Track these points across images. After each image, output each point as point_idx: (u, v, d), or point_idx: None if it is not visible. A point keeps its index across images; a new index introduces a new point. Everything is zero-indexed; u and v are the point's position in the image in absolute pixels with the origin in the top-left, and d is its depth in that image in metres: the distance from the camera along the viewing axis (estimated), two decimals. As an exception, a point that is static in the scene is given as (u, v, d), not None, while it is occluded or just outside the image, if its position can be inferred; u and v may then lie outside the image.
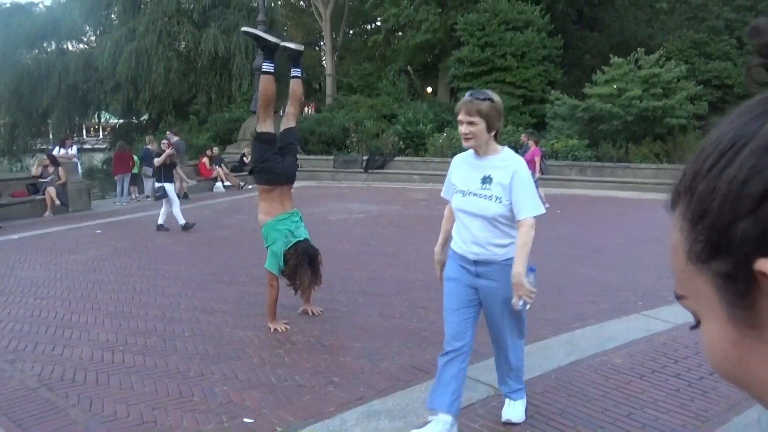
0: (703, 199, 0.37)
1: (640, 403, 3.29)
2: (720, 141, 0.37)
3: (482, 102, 2.77)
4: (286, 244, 4.55)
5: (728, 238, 0.35)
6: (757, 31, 0.36)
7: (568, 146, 16.26)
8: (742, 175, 0.34)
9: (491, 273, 2.87)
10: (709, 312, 0.39)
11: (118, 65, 21.72)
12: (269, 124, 4.66)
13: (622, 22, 26.25)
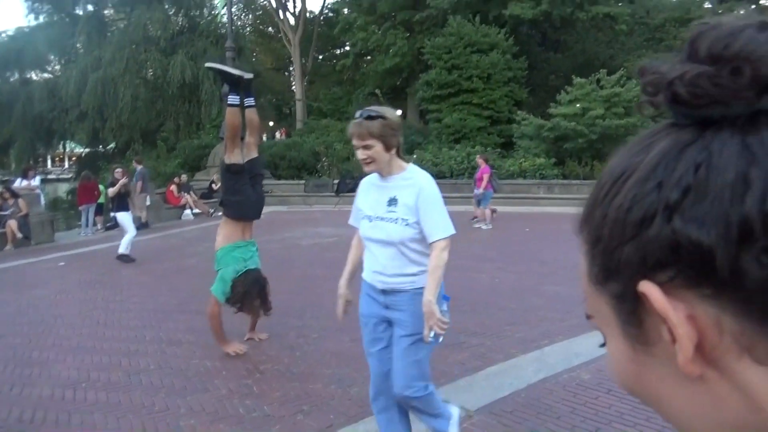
0: (598, 226, 0.39)
1: (607, 417, 3.32)
2: (613, 171, 0.39)
3: (373, 122, 2.56)
4: (237, 272, 4.53)
5: (616, 261, 0.38)
6: (642, 73, 0.39)
7: (535, 165, 16.57)
8: (626, 203, 0.37)
9: (399, 303, 2.64)
10: (609, 330, 0.42)
11: (84, 94, 21.49)
12: (237, 155, 4.66)
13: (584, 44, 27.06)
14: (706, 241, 0.33)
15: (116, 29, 25.22)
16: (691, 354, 0.35)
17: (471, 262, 8.11)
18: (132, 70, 22.25)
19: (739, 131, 0.34)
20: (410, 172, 2.67)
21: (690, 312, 0.35)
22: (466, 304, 5.93)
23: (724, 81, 0.34)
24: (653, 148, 0.37)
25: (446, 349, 4.56)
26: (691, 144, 0.35)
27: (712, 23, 0.37)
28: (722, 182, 0.33)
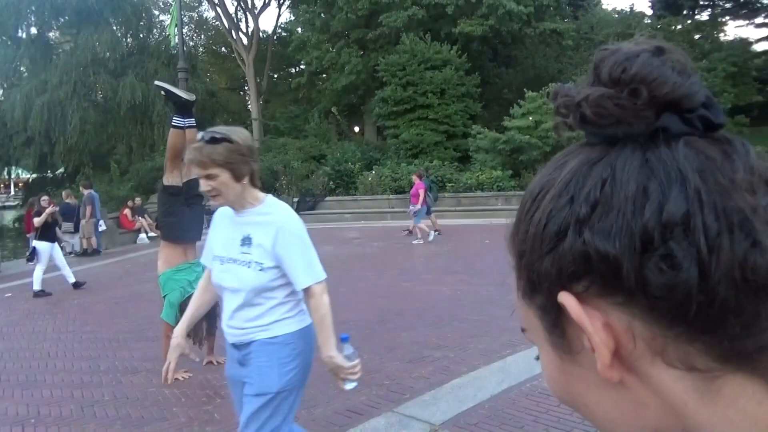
0: (521, 241, 0.41)
1: (570, 424, 3.36)
2: (533, 190, 0.41)
3: (216, 147, 2.10)
4: (183, 295, 4.44)
5: (537, 274, 0.39)
6: (554, 96, 0.41)
7: (492, 177, 16.87)
8: (543, 218, 0.39)
9: (249, 356, 2.22)
10: (540, 342, 0.43)
11: (30, 119, 20.80)
12: (176, 176, 4.64)
13: (534, 59, 27.85)
14: (612, 252, 0.35)
15: (62, 52, 24.54)
16: (608, 360, 0.36)
17: (433, 275, 8.16)
18: (80, 93, 21.66)
19: (640, 148, 0.36)
20: (268, 206, 2.24)
21: (605, 320, 0.36)
22: (429, 317, 5.95)
23: (624, 102, 0.37)
24: (566, 166, 0.39)
25: (410, 364, 4.56)
26: (599, 161, 0.37)
27: (612, 48, 0.39)
28: (625, 196, 0.35)
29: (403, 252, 10.51)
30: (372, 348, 5.04)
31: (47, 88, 21.52)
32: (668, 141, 0.36)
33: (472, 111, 22.25)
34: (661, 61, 0.37)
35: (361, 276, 8.51)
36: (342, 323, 5.88)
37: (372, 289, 7.53)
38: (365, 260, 9.97)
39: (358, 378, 2.35)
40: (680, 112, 0.37)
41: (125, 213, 15.19)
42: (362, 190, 18.14)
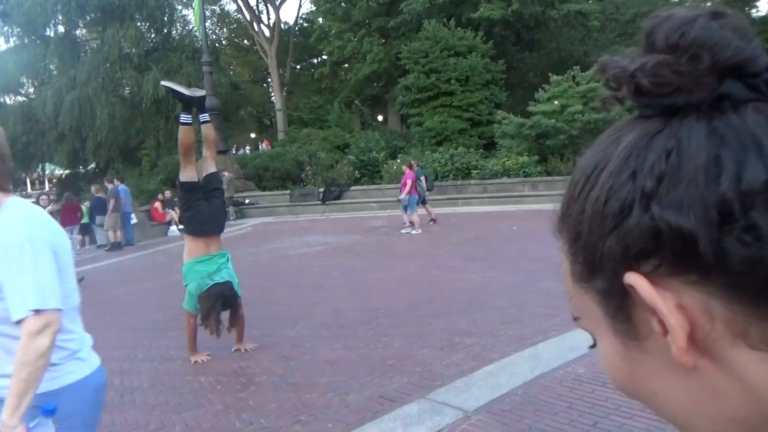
0: (576, 222, 0.39)
1: (604, 411, 3.34)
2: (585, 167, 0.40)
3: None
4: (201, 287, 4.60)
5: (599, 255, 0.37)
6: (603, 68, 0.40)
7: (518, 164, 16.68)
8: (602, 196, 0.37)
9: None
10: (599, 329, 0.41)
11: (61, 115, 21.24)
12: (190, 171, 4.80)
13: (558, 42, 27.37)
14: (686, 225, 0.33)
15: (89, 49, 24.99)
16: (684, 344, 0.34)
17: (461, 263, 8.14)
18: (108, 89, 22.04)
19: (704, 116, 0.35)
20: (3, 215, 1.70)
21: (678, 300, 0.34)
22: (458, 304, 5.95)
23: (684, 68, 0.35)
24: (622, 141, 0.38)
25: (441, 351, 4.57)
26: (659, 133, 0.36)
27: (665, 15, 0.37)
28: (695, 166, 0.33)
29: (429, 240, 10.50)
30: (402, 335, 5.07)
31: (76, 85, 21.95)
32: (735, 108, 0.34)
33: (497, 99, 22.00)
34: (719, 24, 0.35)
35: (388, 264, 8.54)
36: (371, 312, 5.97)
37: (399, 277, 7.55)
38: (392, 249, 9.99)
39: None
40: (743, 77, 0.35)
41: (156, 206, 15.48)
42: (387, 178, 18.13)
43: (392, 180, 17.92)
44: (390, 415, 3.51)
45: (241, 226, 15.23)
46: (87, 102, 21.58)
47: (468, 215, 13.85)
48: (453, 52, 21.46)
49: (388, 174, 18.22)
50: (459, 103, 21.19)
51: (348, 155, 20.28)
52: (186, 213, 4.84)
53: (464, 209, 15.26)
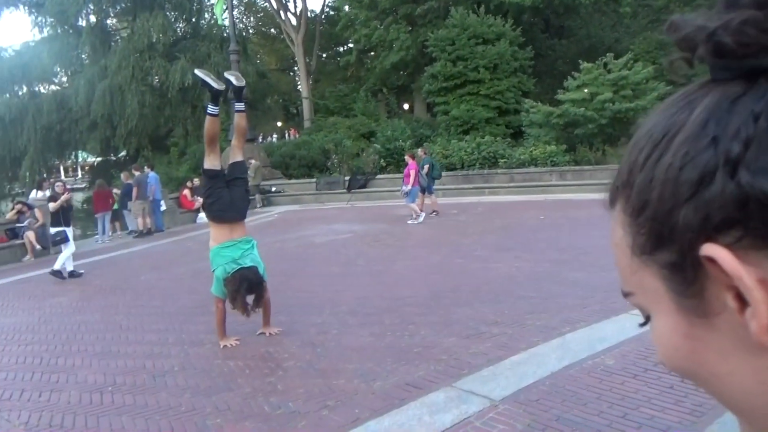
0: (642, 191, 0.37)
1: (634, 402, 3.30)
2: (652, 133, 0.37)
3: None
4: (227, 271, 4.73)
5: (670, 226, 0.35)
6: (674, 27, 0.37)
7: (546, 153, 16.45)
8: (677, 162, 0.34)
9: None
10: (658, 305, 0.39)
11: (93, 104, 21.66)
12: (214, 160, 4.98)
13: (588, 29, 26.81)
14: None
15: (120, 38, 25.37)
16: (767, 321, 0.32)
17: (487, 252, 8.09)
18: (138, 78, 22.38)
19: None
20: None
21: (761, 275, 0.32)
22: (484, 293, 5.92)
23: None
24: (696, 106, 0.35)
25: (467, 340, 4.56)
26: (742, 96, 0.33)
27: None
28: None
29: (455, 229, 10.46)
30: (428, 323, 5.08)
31: (107, 74, 22.34)
32: None
33: (525, 87, 21.68)
34: None
35: (415, 253, 8.53)
36: (397, 300, 5.98)
37: (426, 266, 7.55)
38: (418, 237, 9.98)
39: None
40: None
41: (185, 193, 15.72)
42: (413, 167, 18.08)
43: (418, 169, 17.86)
44: (416, 403, 3.52)
45: (268, 214, 15.38)
46: (118, 91, 21.96)
47: (494, 204, 13.74)
48: (481, 40, 21.19)
49: (413, 163, 18.15)
50: (486, 92, 20.96)
51: (374, 144, 20.27)
52: (207, 200, 5.01)
53: (491, 198, 15.14)
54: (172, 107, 23.18)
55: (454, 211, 12.89)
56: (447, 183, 16.95)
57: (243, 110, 5.28)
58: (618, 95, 16.24)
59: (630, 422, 3.08)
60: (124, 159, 25.67)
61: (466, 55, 21.09)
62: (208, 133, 4.96)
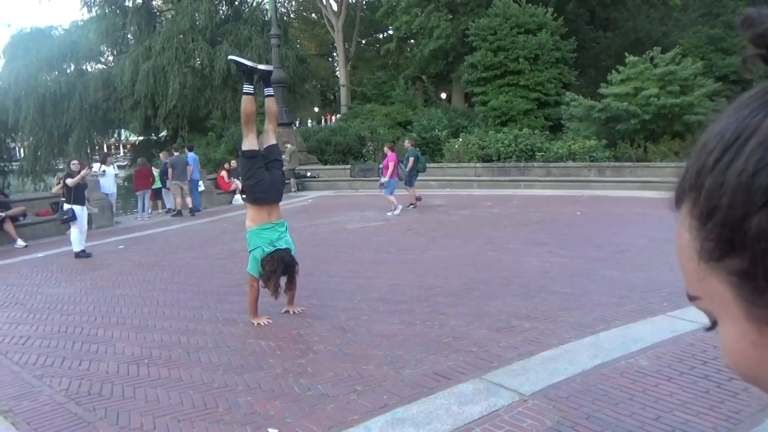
0: (712, 195, 0.36)
1: (668, 405, 3.23)
2: (723, 134, 0.36)
3: None
4: (265, 252, 4.88)
5: (742, 233, 0.34)
6: (749, 22, 0.36)
7: (585, 147, 16.11)
8: (750, 167, 0.33)
9: None
10: (725, 312, 0.38)
11: (137, 83, 22.11)
12: (252, 140, 5.09)
13: (635, 21, 26.04)
14: None
15: (164, 20, 25.80)
16: None
17: (521, 246, 8.00)
18: (180, 59, 22.73)
19: None
20: None
21: None
22: (516, 287, 5.87)
23: None
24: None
25: (498, 333, 4.54)
26: None
27: None
28: None
29: (489, 221, 10.37)
30: (458, 314, 5.06)
31: (151, 55, 22.76)
32: None
33: (566, 79, 21.23)
34: None
35: (447, 243, 8.50)
36: (428, 289, 5.98)
37: (457, 257, 7.51)
38: (450, 228, 9.93)
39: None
40: None
41: (222, 175, 15.98)
42: (448, 157, 17.95)
43: (453, 159, 17.74)
44: (445, 392, 3.53)
45: (302, 199, 15.52)
46: (161, 72, 22.36)
47: (530, 198, 13.55)
48: (522, 30, 20.80)
49: (449, 152, 18.02)
50: (526, 83, 20.60)
51: (410, 132, 20.19)
52: (248, 181, 5.07)
53: (526, 192, 14.94)
54: (212, 90, 23.49)
55: (489, 203, 12.77)
56: (482, 174, 16.79)
57: (272, 94, 5.50)
58: (664, 91, 15.75)
59: (663, 425, 3.02)
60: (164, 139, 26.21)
61: (507, 45, 20.75)
62: (245, 112, 5.14)
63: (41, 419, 3.47)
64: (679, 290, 5.31)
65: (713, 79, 17.37)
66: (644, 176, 14.70)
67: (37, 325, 5.45)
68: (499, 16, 21.14)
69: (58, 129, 23.80)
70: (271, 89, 5.47)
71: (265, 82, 5.37)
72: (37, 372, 4.25)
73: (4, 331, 5.30)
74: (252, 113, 5.17)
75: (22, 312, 5.92)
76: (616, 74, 16.99)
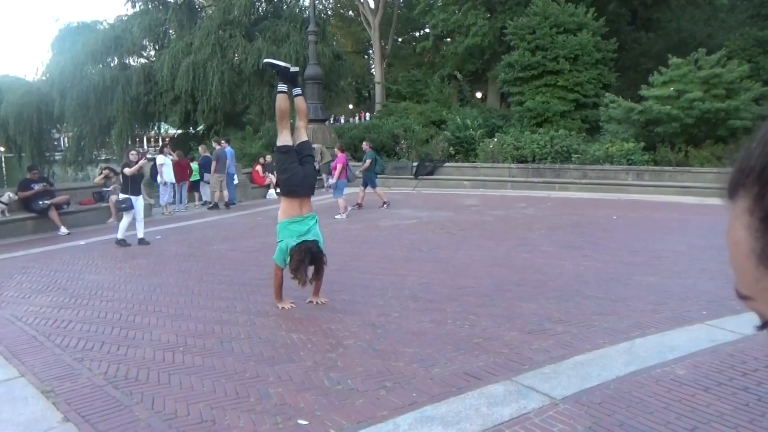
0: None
1: (705, 417, 3.15)
2: None
3: None
4: (292, 243, 5.12)
5: None
6: None
7: (623, 150, 15.77)
8: None
9: None
10: None
11: (177, 78, 22.56)
12: (286, 136, 5.36)
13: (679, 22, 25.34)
14: None
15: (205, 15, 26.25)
16: None
17: (555, 248, 7.90)
18: (219, 55, 23.10)
19: None
20: None
21: None
22: (549, 290, 5.80)
23: None
24: None
25: (529, 335, 4.49)
26: None
27: None
28: None
29: (522, 222, 10.25)
30: (490, 315, 5.03)
31: (191, 50, 23.19)
32: None
33: (605, 80, 20.81)
34: None
35: (479, 243, 8.44)
36: (459, 289, 5.95)
37: (489, 257, 7.45)
38: (483, 228, 9.86)
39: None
40: None
41: (257, 169, 16.20)
42: (483, 157, 17.80)
43: (488, 159, 17.59)
44: (475, 393, 3.51)
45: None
46: (201, 67, 22.76)
47: (565, 200, 13.35)
48: (562, 29, 20.46)
49: (483, 152, 17.87)
50: (565, 83, 20.25)
51: (444, 131, 20.10)
52: (282, 175, 5.36)
53: (561, 194, 14.72)
54: (249, 85, 23.80)
55: (522, 204, 12.63)
56: (516, 175, 16.60)
57: (301, 93, 5.80)
58: (708, 94, 15.29)
59: (699, 436, 2.95)
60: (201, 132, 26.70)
61: (546, 44, 20.43)
62: (279, 109, 5.44)
63: (81, 401, 3.58)
64: (718, 299, 5.20)
65: (761, 83, 16.76)
66: (684, 181, 14.33)
67: (78, 310, 5.63)
68: (538, 15, 20.83)
69: (100, 121, 24.46)
70: (299, 89, 5.78)
71: (293, 83, 5.63)
72: (78, 355, 4.39)
73: (48, 314, 5.49)
74: (286, 110, 5.44)
75: (64, 297, 6.13)
76: (657, 76, 16.57)
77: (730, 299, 5.29)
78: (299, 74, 5.79)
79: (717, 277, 6.05)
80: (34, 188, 10.93)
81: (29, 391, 3.77)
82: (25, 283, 6.80)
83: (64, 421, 3.34)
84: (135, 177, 9.05)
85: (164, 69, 22.82)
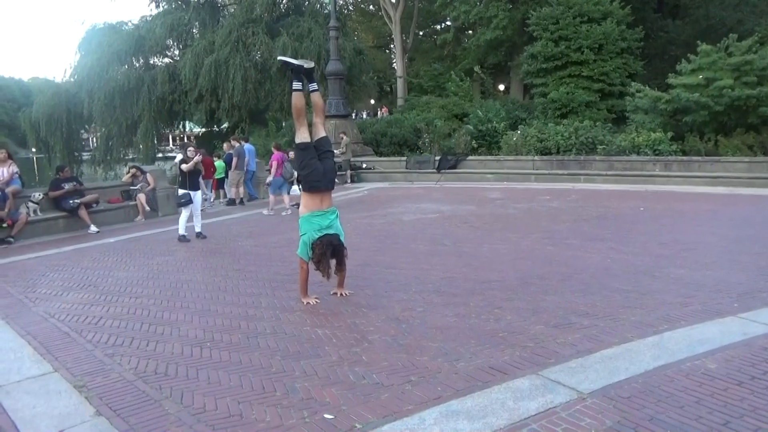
0: None
1: (738, 411, 3.08)
2: None
3: None
4: (314, 237, 5.22)
5: None
6: None
7: (650, 140, 15.47)
8: None
9: None
10: None
11: (200, 77, 22.80)
12: (304, 133, 5.44)
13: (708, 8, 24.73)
14: None
15: (228, 14, 26.46)
16: None
17: (580, 241, 7.80)
18: (242, 53, 23.28)
19: None
20: None
21: None
22: (575, 283, 5.73)
23: None
24: None
25: (555, 329, 4.44)
26: None
27: None
28: None
29: (547, 215, 10.14)
30: (514, 309, 4.99)
31: (214, 49, 23.41)
32: None
33: (631, 69, 20.42)
34: None
35: (503, 237, 8.38)
36: (483, 283, 5.92)
37: (514, 251, 7.39)
38: (507, 221, 9.78)
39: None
40: None
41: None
42: (506, 150, 17.66)
43: (511, 151, 17.44)
44: (500, 387, 3.49)
45: (358, 190, 15.65)
46: (223, 65, 22.97)
47: (590, 192, 13.16)
48: (586, 18, 20.13)
49: (506, 145, 17.72)
50: (589, 73, 19.94)
51: (466, 124, 19.97)
52: (303, 171, 5.43)
53: (586, 186, 14.52)
54: (271, 82, 23.94)
55: (547, 197, 12.49)
56: (541, 168, 16.43)
57: (317, 89, 5.83)
58: (739, 81, 14.90)
59: (731, 431, 2.89)
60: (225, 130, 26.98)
61: (569, 35, 20.15)
62: (295, 107, 5.52)
63: (112, 395, 3.66)
64: (751, 291, 5.08)
65: (794, 69, 16.26)
66: (714, 171, 14.00)
67: (108, 306, 5.75)
68: (561, 4, 20.54)
69: (126, 120, 24.86)
70: (315, 84, 5.78)
71: (309, 78, 5.64)
72: (109, 351, 4.49)
73: (79, 311, 5.62)
74: (302, 108, 5.52)
75: (94, 294, 6.26)
76: (686, 64, 16.21)
77: (763, 291, 5.17)
78: (314, 70, 5.78)
79: (749, 269, 5.90)
80: (64, 188, 11.19)
81: (63, 385, 3.87)
82: (57, 281, 6.97)
83: (97, 415, 3.42)
84: (192, 172, 9.35)
85: (187, 68, 23.09)
